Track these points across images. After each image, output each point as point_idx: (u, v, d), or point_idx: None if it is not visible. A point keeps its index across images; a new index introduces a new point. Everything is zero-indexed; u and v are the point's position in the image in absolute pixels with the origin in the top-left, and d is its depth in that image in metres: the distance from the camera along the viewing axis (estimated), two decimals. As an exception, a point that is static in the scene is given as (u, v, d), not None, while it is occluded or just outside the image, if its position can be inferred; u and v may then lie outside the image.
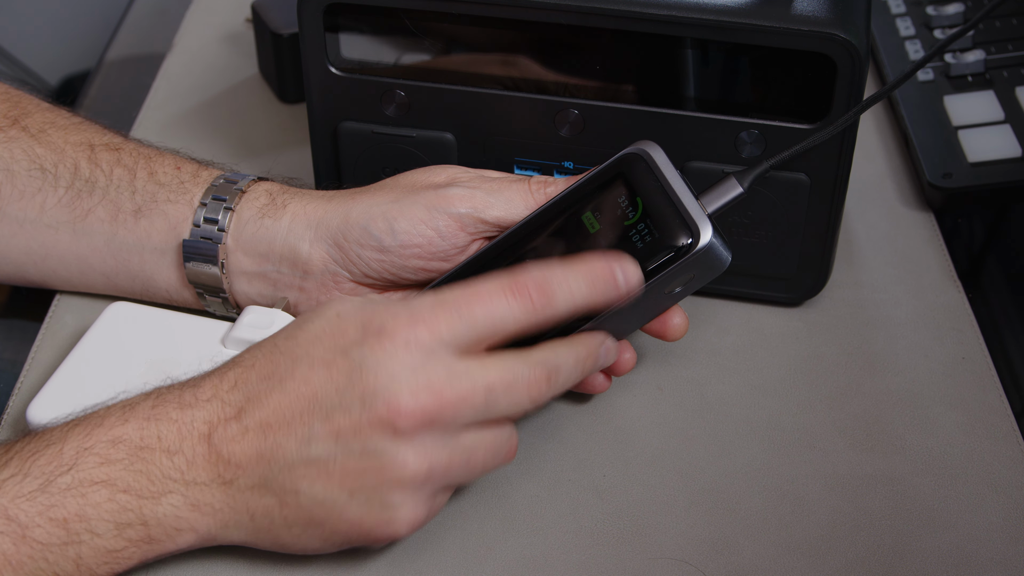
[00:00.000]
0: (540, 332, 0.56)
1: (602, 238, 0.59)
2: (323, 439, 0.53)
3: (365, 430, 0.52)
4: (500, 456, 0.56)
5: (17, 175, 0.66)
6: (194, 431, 0.53)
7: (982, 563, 0.58)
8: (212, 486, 0.53)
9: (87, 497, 0.52)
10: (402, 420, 0.52)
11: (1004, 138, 0.78)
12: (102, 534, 0.52)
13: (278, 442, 0.53)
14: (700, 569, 0.58)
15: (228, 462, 0.53)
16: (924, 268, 0.74)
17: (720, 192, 0.61)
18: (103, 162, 0.66)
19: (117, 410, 0.54)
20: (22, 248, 0.67)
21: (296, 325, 0.56)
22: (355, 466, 0.53)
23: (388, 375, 0.52)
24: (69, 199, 0.66)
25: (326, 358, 0.53)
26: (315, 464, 0.53)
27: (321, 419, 0.53)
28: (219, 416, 0.54)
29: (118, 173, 0.66)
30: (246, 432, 0.53)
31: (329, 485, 0.53)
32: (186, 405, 0.54)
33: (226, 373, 0.55)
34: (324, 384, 0.53)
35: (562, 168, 0.69)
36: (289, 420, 0.53)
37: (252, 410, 0.54)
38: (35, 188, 0.66)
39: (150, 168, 0.67)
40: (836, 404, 0.66)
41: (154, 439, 0.53)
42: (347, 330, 0.54)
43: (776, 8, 0.62)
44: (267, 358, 0.55)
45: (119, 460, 0.52)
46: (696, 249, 0.57)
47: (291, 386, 0.53)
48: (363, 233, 0.62)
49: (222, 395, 0.54)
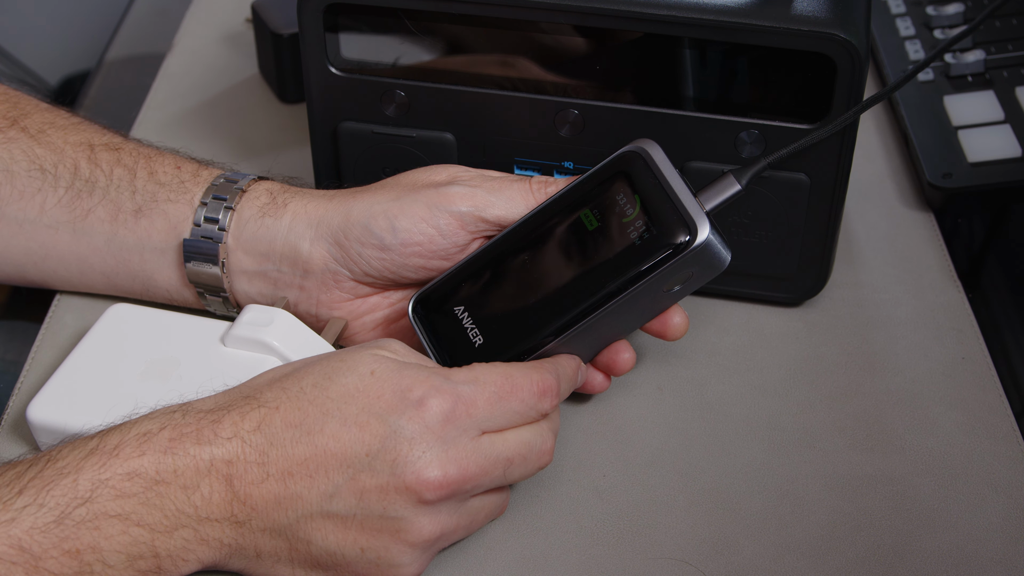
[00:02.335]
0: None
1: (600, 235, 0.59)
2: (346, 496, 0.54)
3: (391, 495, 0.54)
4: (496, 513, 0.59)
5: (17, 175, 0.66)
6: (213, 470, 0.53)
7: (982, 563, 0.58)
8: (224, 524, 0.54)
9: (101, 530, 0.51)
10: (429, 492, 0.54)
11: (1004, 138, 0.78)
12: (114, 565, 0.52)
13: (298, 492, 0.53)
14: (700, 569, 0.58)
15: (244, 503, 0.53)
16: (924, 268, 0.74)
17: (718, 190, 0.61)
18: (103, 162, 0.66)
19: (133, 440, 0.53)
20: (22, 248, 0.67)
21: (326, 376, 0.55)
22: (372, 525, 0.54)
23: (422, 447, 0.54)
24: (69, 199, 0.66)
25: (360, 419, 0.54)
26: (333, 519, 0.54)
27: (347, 477, 0.53)
28: (240, 457, 0.53)
29: (118, 173, 0.66)
30: (267, 478, 0.53)
31: (343, 540, 0.54)
32: (205, 441, 0.53)
33: (248, 413, 0.54)
34: (355, 444, 0.53)
35: (562, 168, 0.69)
36: (313, 472, 0.53)
37: (276, 457, 0.53)
38: (35, 188, 0.66)
39: (150, 168, 0.67)
40: (836, 404, 0.66)
41: (170, 474, 0.52)
42: (384, 394, 0.54)
43: (776, 8, 0.62)
44: (294, 404, 0.54)
45: (135, 495, 0.52)
46: (694, 246, 0.57)
47: (320, 440, 0.53)
48: (364, 231, 0.62)
49: (243, 435, 0.53)
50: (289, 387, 0.55)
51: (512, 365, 0.57)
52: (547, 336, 0.59)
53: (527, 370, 0.57)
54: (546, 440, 0.58)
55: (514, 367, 0.57)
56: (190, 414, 0.54)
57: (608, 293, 0.58)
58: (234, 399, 0.55)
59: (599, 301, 0.58)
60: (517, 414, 0.56)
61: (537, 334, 0.59)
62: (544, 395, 0.57)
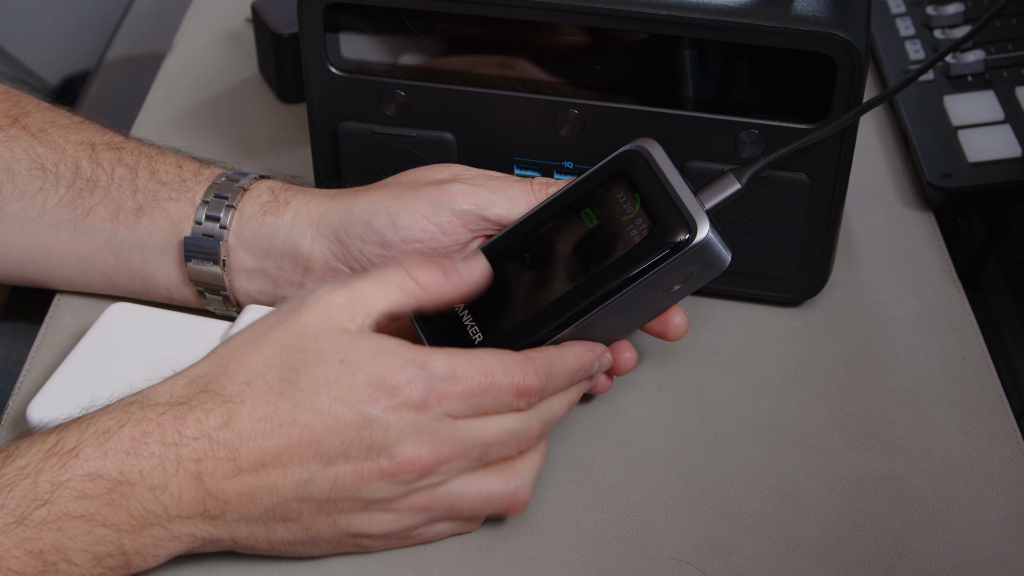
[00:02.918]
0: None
1: (600, 233, 0.59)
2: (320, 482, 0.54)
3: (365, 479, 0.54)
4: (494, 505, 0.58)
5: (18, 174, 0.66)
6: (181, 469, 0.52)
7: (982, 563, 0.58)
8: (197, 519, 0.53)
9: (64, 531, 0.51)
10: (403, 473, 0.54)
11: (1004, 138, 0.78)
12: (80, 564, 0.51)
13: (272, 482, 0.53)
14: (700, 569, 0.58)
15: (217, 499, 0.53)
16: (924, 268, 0.74)
17: (718, 188, 0.61)
18: (105, 161, 0.66)
19: (92, 439, 0.52)
20: (22, 247, 0.67)
21: (291, 368, 0.54)
22: (346, 506, 0.55)
23: (396, 434, 0.54)
24: (70, 198, 0.66)
25: (333, 410, 0.53)
26: (308, 502, 0.54)
27: (321, 464, 0.53)
28: (209, 454, 0.52)
29: (120, 172, 0.66)
30: (239, 472, 0.53)
31: (318, 518, 0.55)
32: (170, 442, 0.52)
33: (211, 409, 0.53)
34: (329, 434, 0.53)
35: (562, 168, 0.69)
36: (286, 463, 0.53)
37: (247, 451, 0.53)
38: (36, 187, 0.66)
39: (152, 167, 0.66)
40: (836, 404, 0.66)
41: (135, 475, 0.51)
42: (356, 384, 0.53)
43: (776, 8, 0.62)
44: (261, 398, 0.53)
45: (97, 496, 0.51)
46: (693, 244, 0.57)
47: (292, 432, 0.53)
48: (365, 228, 0.62)
49: (210, 432, 0.52)
50: (253, 381, 0.54)
51: (498, 357, 0.56)
52: (546, 334, 0.59)
53: (510, 367, 0.56)
54: (531, 427, 0.57)
55: (499, 361, 0.56)
56: (147, 407, 0.53)
57: (608, 291, 0.58)
58: (192, 393, 0.54)
59: (598, 299, 0.58)
60: (491, 409, 0.56)
61: (536, 332, 0.59)
62: (521, 395, 0.56)
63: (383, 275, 0.57)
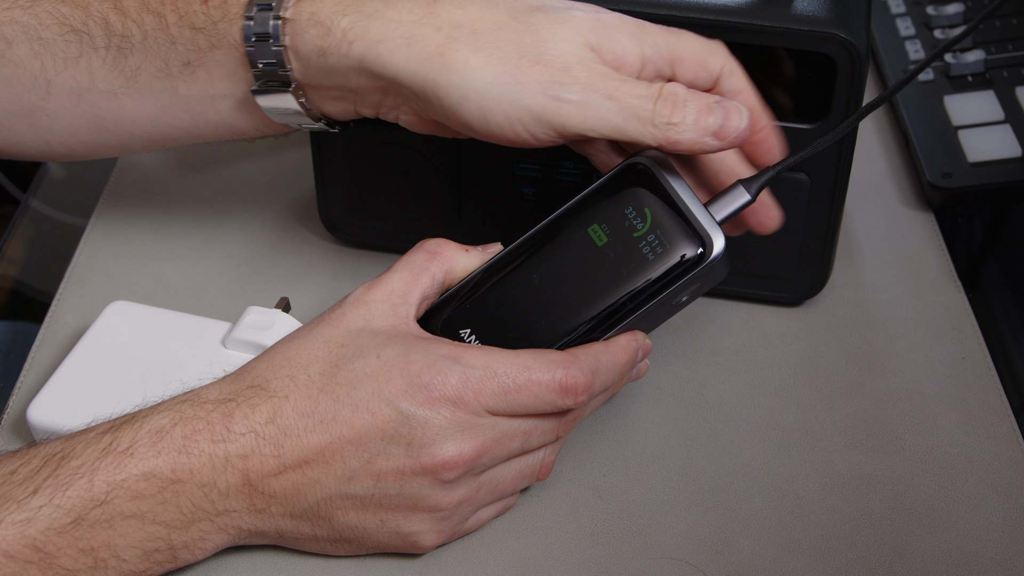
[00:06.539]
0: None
1: (611, 251, 0.58)
2: (363, 479, 0.54)
3: (407, 475, 0.54)
4: (529, 477, 0.59)
5: (53, 43, 0.63)
6: (229, 466, 0.53)
7: (982, 563, 0.58)
8: (244, 513, 0.54)
9: (116, 528, 0.52)
10: (447, 471, 0.54)
11: (1004, 138, 0.78)
12: (129, 559, 0.52)
13: (316, 478, 0.54)
14: (700, 569, 0.58)
15: (263, 494, 0.54)
16: (924, 268, 0.74)
17: (728, 200, 0.59)
18: (131, 10, 0.63)
19: (146, 438, 0.53)
20: (88, 118, 0.65)
21: (333, 363, 0.55)
22: (391, 503, 0.55)
23: (435, 430, 0.54)
24: (112, 59, 0.63)
25: (371, 406, 0.54)
26: (352, 499, 0.55)
27: (363, 461, 0.54)
28: (255, 451, 0.53)
29: (149, 21, 0.62)
30: (284, 469, 0.54)
31: (363, 516, 0.55)
32: (219, 439, 0.53)
33: (258, 405, 0.54)
34: (369, 430, 0.54)
35: (562, 168, 0.69)
36: (329, 459, 0.54)
37: (291, 447, 0.54)
38: (75, 54, 0.63)
39: (177, 9, 0.62)
40: (836, 404, 0.66)
41: (186, 473, 0.52)
42: (392, 379, 0.54)
43: (776, 8, 0.62)
44: (303, 393, 0.54)
45: (151, 495, 0.52)
46: (710, 259, 0.57)
47: (333, 428, 0.54)
48: (450, 113, 0.57)
49: (257, 428, 0.53)
50: (297, 375, 0.55)
51: (536, 354, 0.56)
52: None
53: (551, 364, 0.55)
54: (568, 422, 0.58)
55: (538, 358, 0.55)
56: (197, 404, 0.54)
57: (623, 312, 0.57)
58: (240, 389, 0.55)
59: (614, 322, 0.57)
60: (532, 408, 0.55)
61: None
62: (566, 393, 0.55)
63: (407, 263, 0.58)
